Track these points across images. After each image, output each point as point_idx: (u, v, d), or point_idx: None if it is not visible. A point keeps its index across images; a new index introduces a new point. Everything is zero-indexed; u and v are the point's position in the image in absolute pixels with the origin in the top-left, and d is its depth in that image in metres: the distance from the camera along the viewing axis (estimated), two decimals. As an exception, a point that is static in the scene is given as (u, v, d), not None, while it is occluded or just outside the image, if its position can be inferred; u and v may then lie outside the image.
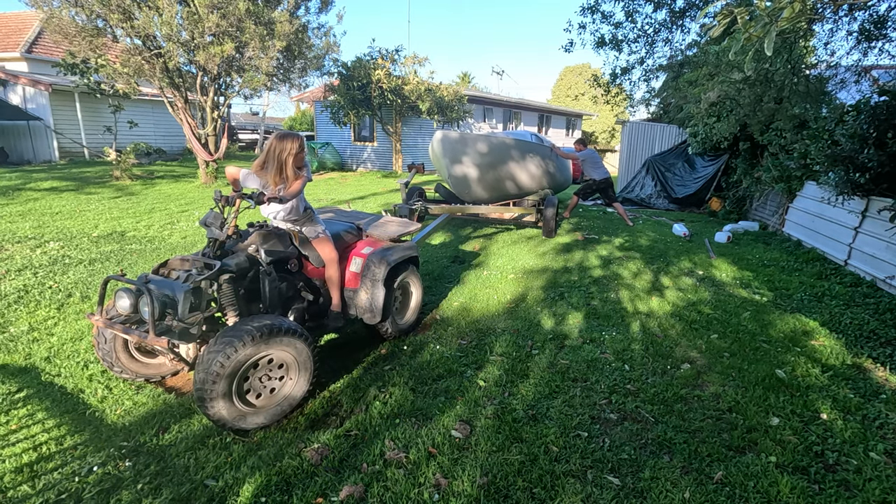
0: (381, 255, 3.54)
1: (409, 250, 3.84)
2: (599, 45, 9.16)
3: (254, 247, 3.00)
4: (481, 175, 7.46)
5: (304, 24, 12.06)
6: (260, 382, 2.64)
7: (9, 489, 2.13)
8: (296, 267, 3.30)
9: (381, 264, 3.48)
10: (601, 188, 8.65)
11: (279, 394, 2.72)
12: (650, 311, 4.42)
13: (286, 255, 3.17)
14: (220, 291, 2.80)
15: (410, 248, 3.86)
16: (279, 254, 3.10)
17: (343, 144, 19.55)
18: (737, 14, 2.36)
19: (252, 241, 3.03)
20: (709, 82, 8.67)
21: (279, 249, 3.12)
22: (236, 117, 32.72)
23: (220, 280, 2.78)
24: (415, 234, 5.18)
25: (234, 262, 2.84)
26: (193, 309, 2.64)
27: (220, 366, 2.39)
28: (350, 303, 3.49)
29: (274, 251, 3.07)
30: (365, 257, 3.52)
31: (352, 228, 3.74)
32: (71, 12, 9.99)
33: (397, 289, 3.81)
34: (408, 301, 4.00)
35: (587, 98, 31.89)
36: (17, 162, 14.92)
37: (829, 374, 3.28)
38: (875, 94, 5.52)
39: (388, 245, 3.72)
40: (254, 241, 3.03)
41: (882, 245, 5.16)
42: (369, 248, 3.60)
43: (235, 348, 2.42)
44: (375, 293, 3.42)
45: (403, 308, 3.97)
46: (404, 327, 3.90)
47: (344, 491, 2.14)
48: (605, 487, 2.21)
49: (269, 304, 2.98)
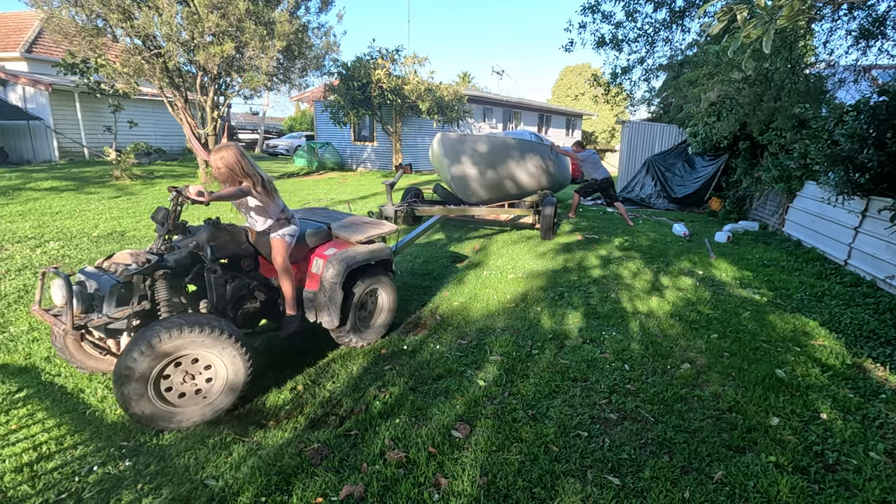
0: (341, 257, 3.39)
1: (377, 253, 3.66)
2: (600, 44, 9.17)
3: (194, 243, 2.94)
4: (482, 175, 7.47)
5: (304, 24, 12.06)
6: (184, 381, 2.60)
7: (9, 489, 2.13)
8: (251, 266, 3.22)
9: (340, 266, 3.34)
10: (603, 188, 8.66)
11: (208, 393, 2.67)
12: (650, 310, 4.42)
13: (237, 254, 3.10)
14: (153, 287, 2.76)
15: (379, 252, 3.69)
16: (228, 251, 3.04)
17: (343, 144, 19.55)
18: (736, 11, 2.36)
19: (198, 238, 2.97)
20: (709, 82, 8.67)
21: (229, 247, 3.05)
22: (236, 117, 32.71)
23: (154, 276, 2.74)
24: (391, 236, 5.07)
25: (174, 259, 2.82)
26: (121, 303, 2.65)
27: (133, 361, 2.36)
28: (310, 305, 3.37)
29: (222, 248, 3.00)
30: (326, 259, 3.38)
31: (322, 229, 3.60)
32: (71, 12, 9.99)
33: (367, 294, 3.68)
34: (377, 308, 3.82)
35: (587, 98, 31.89)
36: (16, 162, 14.92)
37: (829, 374, 3.28)
38: (874, 94, 5.51)
39: (353, 247, 3.55)
40: (202, 238, 2.97)
41: (882, 245, 5.16)
42: (333, 250, 3.45)
43: (151, 345, 2.39)
44: (333, 296, 3.29)
45: (373, 315, 3.80)
46: (372, 336, 3.74)
47: (344, 491, 2.14)
48: (605, 487, 2.21)
49: (214, 302, 2.93)
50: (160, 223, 2.82)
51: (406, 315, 4.36)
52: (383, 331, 3.84)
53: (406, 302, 4.67)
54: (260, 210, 3.16)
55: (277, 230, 3.21)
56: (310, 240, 3.49)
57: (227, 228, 3.10)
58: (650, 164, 12.00)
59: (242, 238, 3.17)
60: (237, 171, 2.94)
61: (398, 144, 17.81)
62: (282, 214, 3.27)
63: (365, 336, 3.69)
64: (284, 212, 3.30)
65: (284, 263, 3.16)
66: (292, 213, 3.38)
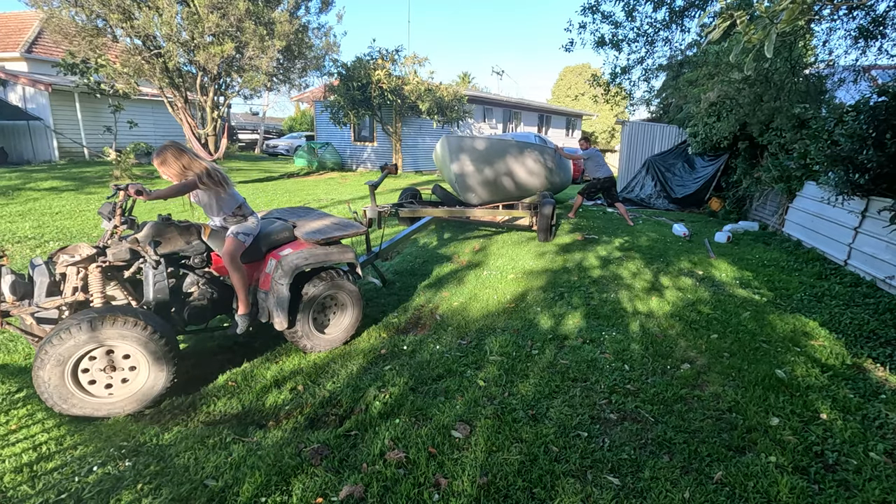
0: (292, 259, 3.33)
1: (336, 256, 3.56)
2: (599, 44, 9.18)
3: (132, 238, 2.93)
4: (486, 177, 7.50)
5: (304, 25, 12.07)
6: (104, 373, 2.65)
7: (9, 489, 2.13)
8: (202, 263, 3.20)
9: (289, 267, 3.29)
10: (605, 187, 8.67)
11: (130, 386, 2.72)
12: (650, 311, 4.42)
13: (183, 250, 3.09)
14: (87, 280, 2.80)
15: (339, 254, 3.59)
16: (174, 248, 3.04)
17: (343, 144, 19.55)
18: (737, 17, 2.37)
19: (141, 234, 2.97)
20: (709, 82, 8.68)
21: (176, 243, 3.05)
22: (236, 117, 32.72)
23: (88, 269, 2.78)
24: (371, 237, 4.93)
25: (111, 253, 2.84)
26: (51, 294, 2.74)
27: (44, 353, 2.44)
28: (263, 306, 3.34)
29: (167, 244, 3.01)
30: (278, 259, 3.33)
31: (283, 228, 3.53)
32: (71, 12, 9.99)
33: (327, 298, 3.63)
34: (338, 312, 3.74)
35: (587, 98, 31.89)
36: (16, 162, 14.92)
37: (828, 374, 3.28)
38: (874, 94, 5.51)
39: (309, 248, 3.46)
40: (143, 234, 2.96)
41: (882, 245, 5.16)
42: (289, 251, 3.39)
43: (61, 337, 2.47)
44: (280, 298, 3.27)
45: (332, 320, 3.72)
46: (330, 342, 3.65)
47: (344, 491, 2.14)
48: (604, 487, 2.21)
49: (153, 298, 2.92)
50: (106, 218, 2.87)
51: (406, 315, 4.36)
52: (345, 336, 3.73)
53: (406, 302, 4.67)
54: (211, 205, 3.16)
55: (232, 227, 3.20)
56: (270, 238, 3.44)
57: (176, 225, 3.10)
58: (650, 165, 12.00)
59: (193, 235, 3.15)
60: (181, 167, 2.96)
61: (398, 145, 17.81)
62: (238, 210, 3.23)
63: (321, 341, 3.60)
64: (242, 208, 3.26)
65: (232, 262, 3.12)
66: (252, 211, 3.36)
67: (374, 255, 4.85)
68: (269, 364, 3.43)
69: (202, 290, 3.24)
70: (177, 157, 2.98)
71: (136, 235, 2.96)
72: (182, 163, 2.98)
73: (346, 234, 3.67)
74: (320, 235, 3.51)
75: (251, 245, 3.32)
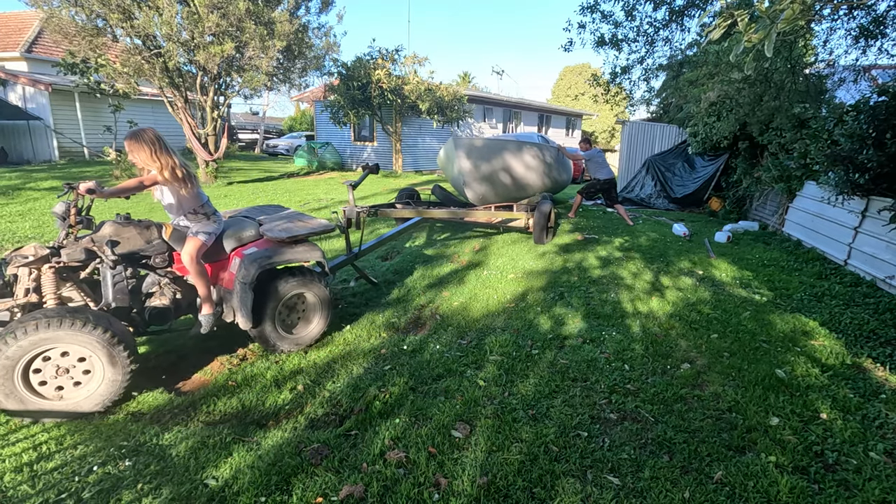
0: (255, 257, 3.30)
1: (302, 254, 3.52)
2: (599, 44, 9.17)
3: (87, 238, 2.90)
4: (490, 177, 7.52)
5: (304, 24, 12.06)
6: (57, 376, 2.63)
7: (9, 489, 2.13)
8: (164, 263, 3.16)
9: (252, 266, 3.25)
10: (605, 188, 8.67)
11: (83, 389, 2.69)
12: (650, 311, 4.42)
13: (143, 250, 3.05)
14: (39, 281, 2.77)
15: (305, 252, 3.55)
16: (133, 248, 3.00)
17: (343, 144, 19.55)
18: (737, 17, 2.37)
19: (98, 234, 2.93)
20: (709, 82, 8.68)
21: (135, 243, 3.01)
22: (236, 117, 32.71)
23: (41, 270, 2.75)
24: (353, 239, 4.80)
25: (66, 253, 2.81)
26: (2, 295, 2.72)
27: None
28: (227, 305, 3.32)
29: (125, 244, 2.97)
30: (242, 258, 3.30)
31: (248, 227, 3.49)
32: (71, 12, 9.98)
33: (295, 297, 3.61)
34: (306, 313, 3.72)
35: (587, 98, 31.90)
36: (16, 161, 14.91)
37: (828, 374, 3.28)
38: (874, 94, 5.51)
39: (274, 247, 3.42)
40: (100, 234, 2.93)
41: (882, 245, 5.16)
42: (253, 249, 3.35)
43: (6, 341, 2.45)
44: (244, 297, 3.23)
45: (301, 320, 3.70)
46: (298, 342, 3.63)
47: (344, 491, 2.14)
48: (604, 487, 2.21)
49: (111, 299, 2.89)
50: (61, 218, 2.81)
51: (406, 315, 4.36)
52: (313, 336, 3.71)
53: (406, 302, 4.67)
54: (173, 203, 3.10)
55: (194, 226, 3.15)
56: (235, 237, 3.40)
57: (136, 224, 3.06)
58: (650, 164, 12.00)
59: (153, 235, 3.11)
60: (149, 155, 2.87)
61: (398, 144, 17.82)
62: (201, 209, 3.19)
63: (288, 341, 3.57)
64: (204, 207, 3.21)
65: (192, 262, 3.08)
66: (214, 210, 3.31)
67: (354, 256, 4.80)
68: (269, 364, 3.43)
69: (164, 290, 3.19)
70: (149, 143, 2.87)
71: (92, 235, 2.91)
72: (152, 149, 2.87)
73: (313, 233, 3.61)
74: (286, 234, 3.46)
75: (215, 244, 3.28)
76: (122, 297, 2.93)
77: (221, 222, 3.35)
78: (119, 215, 3.07)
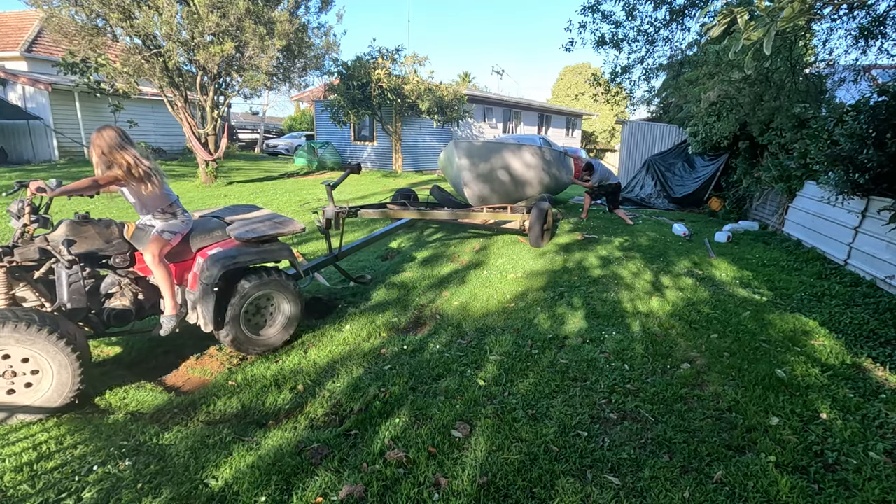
0: (218, 257, 3.23)
1: (269, 254, 3.46)
2: (600, 44, 9.16)
3: (42, 237, 2.85)
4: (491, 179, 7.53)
5: (303, 24, 12.06)
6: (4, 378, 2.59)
7: (9, 489, 2.14)
8: (125, 263, 3.10)
9: (214, 267, 3.18)
10: (612, 191, 8.89)
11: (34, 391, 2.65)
12: (650, 310, 4.42)
13: (102, 249, 3.00)
14: None
15: (273, 252, 3.49)
16: (91, 247, 2.96)
17: (343, 144, 19.56)
18: (737, 14, 2.36)
19: (54, 233, 2.88)
20: (709, 81, 8.67)
21: (93, 243, 2.97)
22: (236, 117, 32.71)
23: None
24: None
25: (19, 253, 2.78)
26: None
27: None
28: (192, 306, 3.26)
29: (83, 244, 2.92)
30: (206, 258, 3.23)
31: (218, 227, 3.43)
32: (71, 11, 9.98)
33: (264, 299, 3.54)
34: (274, 314, 3.63)
35: (587, 98, 31.91)
36: (16, 161, 14.92)
37: (828, 374, 3.28)
38: (874, 94, 5.51)
39: (239, 246, 3.36)
40: (56, 233, 2.88)
41: (882, 245, 5.16)
42: (218, 249, 3.29)
43: None
44: (206, 298, 3.18)
45: (268, 323, 3.62)
46: (266, 344, 3.56)
47: (344, 491, 2.14)
48: (604, 487, 2.21)
49: (67, 299, 2.84)
50: (15, 216, 2.78)
51: (406, 315, 4.36)
52: (282, 338, 3.64)
53: (406, 302, 4.67)
54: (136, 202, 3.06)
55: (159, 225, 3.10)
56: (201, 237, 3.34)
57: (94, 223, 3.01)
58: (650, 164, 12.00)
59: (114, 234, 3.07)
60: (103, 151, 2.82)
61: (398, 144, 17.82)
62: (168, 208, 3.14)
63: (255, 343, 3.51)
64: (172, 206, 3.16)
65: (155, 262, 3.01)
66: (183, 209, 3.26)
67: (334, 258, 4.76)
68: (269, 364, 3.43)
69: (125, 291, 3.12)
70: (107, 141, 2.81)
71: (46, 235, 2.87)
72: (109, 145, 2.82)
73: (281, 233, 3.53)
74: (253, 234, 3.40)
75: (181, 244, 3.22)
76: (78, 297, 2.87)
77: (189, 222, 3.29)
78: (77, 214, 3.01)
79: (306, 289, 5.01)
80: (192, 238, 3.31)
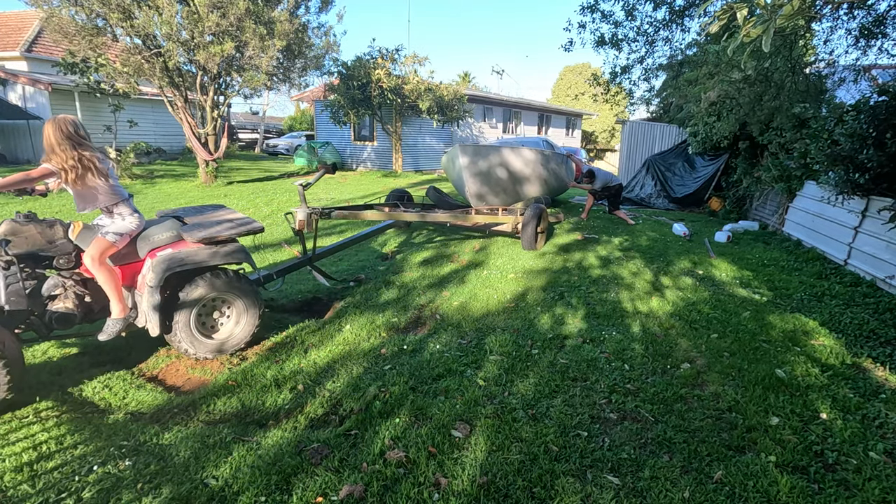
0: (165, 259, 3.14)
1: (223, 256, 3.35)
2: (599, 44, 9.15)
3: None
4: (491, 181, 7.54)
5: (304, 24, 12.06)
6: None
7: (9, 488, 2.13)
8: (69, 264, 3.02)
9: (159, 269, 3.09)
10: (614, 192, 8.93)
11: None
12: (650, 310, 4.42)
13: (44, 250, 2.93)
14: None
15: (227, 254, 3.37)
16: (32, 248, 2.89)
17: (343, 144, 19.55)
18: (736, 10, 2.36)
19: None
20: (709, 81, 8.68)
21: (34, 243, 2.90)
22: (236, 117, 32.70)
23: None
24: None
25: None
26: None
27: None
28: (139, 309, 3.18)
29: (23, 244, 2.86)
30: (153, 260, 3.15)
31: (171, 228, 3.32)
32: (71, 11, 9.98)
33: (219, 301, 3.46)
34: (230, 316, 3.55)
35: (587, 98, 31.89)
36: (16, 161, 14.91)
37: (828, 374, 3.28)
38: (874, 94, 5.51)
39: (190, 247, 3.26)
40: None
41: (882, 245, 5.16)
42: (169, 251, 3.20)
43: None
44: (151, 301, 3.09)
45: (225, 325, 3.55)
46: (220, 347, 3.48)
47: (344, 490, 2.14)
48: (604, 487, 2.21)
49: (4, 300, 2.78)
50: None
51: (406, 315, 4.36)
52: (238, 340, 3.55)
53: (406, 302, 4.67)
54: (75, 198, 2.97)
55: (105, 226, 3.02)
56: (152, 239, 3.23)
57: (37, 223, 2.95)
58: (650, 164, 12.01)
59: (58, 234, 3.00)
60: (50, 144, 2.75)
61: (398, 144, 17.82)
62: (116, 208, 3.04)
63: (207, 347, 3.41)
64: (120, 206, 3.07)
65: (94, 264, 2.92)
66: (134, 209, 3.18)
67: (308, 259, 4.71)
68: (269, 364, 3.43)
69: (68, 292, 3.04)
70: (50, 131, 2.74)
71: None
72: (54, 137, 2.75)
73: (236, 233, 3.44)
74: (207, 235, 3.31)
75: (130, 245, 3.14)
76: (17, 299, 2.80)
77: (141, 223, 3.21)
78: (19, 213, 2.96)
79: (306, 289, 5.01)
80: (141, 239, 3.22)
